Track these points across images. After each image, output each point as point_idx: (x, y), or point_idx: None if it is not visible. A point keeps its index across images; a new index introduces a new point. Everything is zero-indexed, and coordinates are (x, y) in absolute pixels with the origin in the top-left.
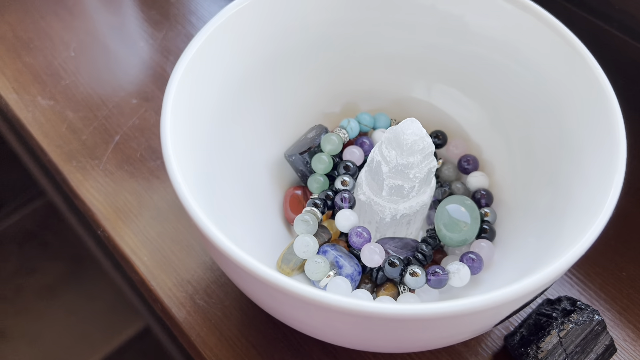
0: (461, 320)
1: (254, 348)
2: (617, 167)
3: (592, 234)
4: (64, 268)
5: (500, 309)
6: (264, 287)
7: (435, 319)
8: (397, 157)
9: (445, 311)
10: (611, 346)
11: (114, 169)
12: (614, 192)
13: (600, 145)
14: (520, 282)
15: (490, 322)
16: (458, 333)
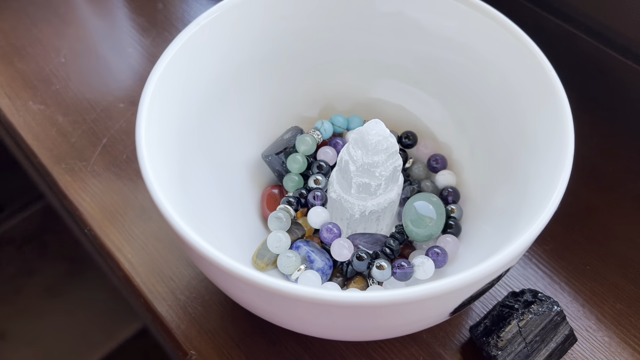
0: (414, 306)
1: (232, 340)
2: (565, 163)
3: (536, 229)
4: (63, 269)
5: (449, 296)
6: (233, 280)
7: (387, 306)
8: (363, 157)
9: (394, 298)
10: (571, 336)
11: (101, 171)
12: (561, 186)
13: (551, 142)
14: (465, 273)
15: (445, 310)
16: (416, 320)
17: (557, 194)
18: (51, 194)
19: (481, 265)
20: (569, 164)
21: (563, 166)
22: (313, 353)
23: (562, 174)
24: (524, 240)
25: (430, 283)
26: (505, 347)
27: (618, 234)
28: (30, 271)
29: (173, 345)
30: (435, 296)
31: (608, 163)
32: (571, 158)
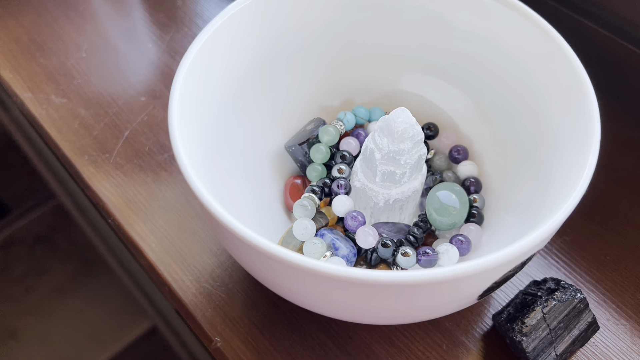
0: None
1: (256, 327)
2: (590, 156)
3: (563, 214)
4: (73, 269)
5: (478, 278)
6: (266, 260)
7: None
8: (389, 144)
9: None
10: (593, 323)
11: (123, 162)
12: (585, 179)
13: (576, 136)
14: (493, 255)
15: (472, 292)
16: (443, 303)
17: (580, 187)
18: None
19: (509, 248)
20: (594, 157)
21: (587, 159)
22: (336, 340)
23: (586, 167)
24: (550, 224)
25: (462, 263)
26: (530, 332)
27: (637, 225)
28: (41, 271)
29: (198, 332)
30: (466, 276)
31: (626, 156)
32: (596, 151)
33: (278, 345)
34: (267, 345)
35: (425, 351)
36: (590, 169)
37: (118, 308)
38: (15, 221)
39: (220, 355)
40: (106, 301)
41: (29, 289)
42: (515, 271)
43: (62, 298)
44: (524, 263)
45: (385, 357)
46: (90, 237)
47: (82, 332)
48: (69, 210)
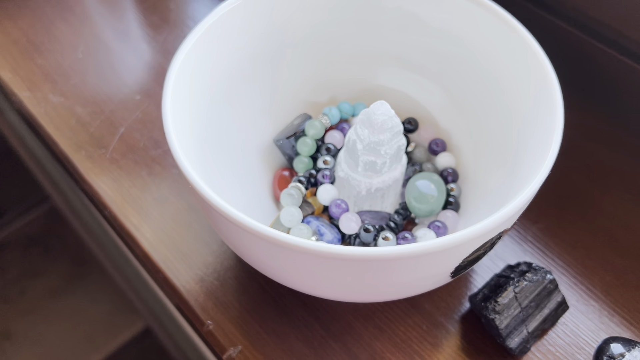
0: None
1: (246, 311)
2: (552, 144)
3: (524, 196)
4: (67, 271)
5: (446, 253)
6: (251, 237)
7: (388, 259)
8: (370, 135)
9: (396, 252)
10: (563, 303)
11: (119, 157)
12: (549, 160)
13: (541, 126)
14: (458, 233)
15: (445, 269)
16: (417, 278)
17: (542, 171)
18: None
19: (473, 227)
20: (556, 144)
21: (550, 145)
22: (322, 321)
23: (549, 153)
24: (512, 206)
25: (431, 240)
26: (503, 311)
27: (607, 213)
28: (35, 273)
29: (191, 316)
30: (435, 251)
31: (599, 149)
32: (559, 139)
33: (267, 327)
34: (257, 327)
35: (406, 331)
36: (553, 154)
37: (112, 309)
38: (10, 224)
39: (212, 337)
40: (100, 302)
41: (23, 291)
42: (485, 250)
43: (57, 299)
44: (493, 243)
45: (368, 337)
46: (84, 239)
47: (76, 333)
48: (62, 213)
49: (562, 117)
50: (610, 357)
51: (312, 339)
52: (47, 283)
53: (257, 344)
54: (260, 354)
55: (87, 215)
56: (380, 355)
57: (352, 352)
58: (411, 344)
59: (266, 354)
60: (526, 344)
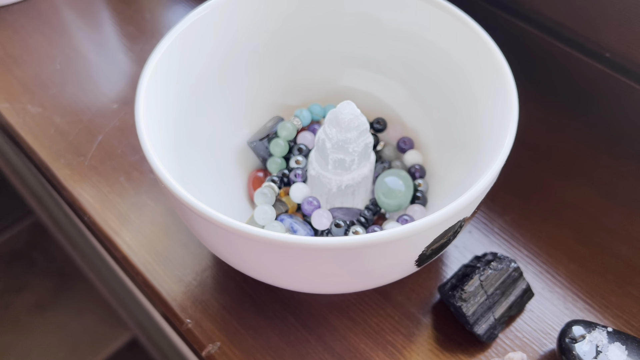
0: (375, 250)
1: (224, 309)
2: (507, 136)
3: (481, 184)
4: (52, 285)
5: (407, 241)
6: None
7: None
8: (337, 134)
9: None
10: (528, 290)
11: (97, 164)
12: (504, 153)
13: (497, 120)
14: (418, 221)
15: (408, 257)
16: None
17: (497, 163)
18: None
19: (432, 215)
20: (511, 135)
21: (505, 138)
22: (298, 316)
23: (504, 146)
24: (465, 198)
25: (391, 229)
26: (469, 298)
27: (570, 205)
28: (19, 287)
29: (170, 315)
30: (398, 238)
31: (561, 144)
32: (513, 133)
33: (244, 324)
34: (235, 324)
35: (380, 322)
36: (508, 145)
37: (98, 321)
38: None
39: (191, 335)
40: (86, 315)
41: (7, 305)
42: (448, 239)
43: (41, 313)
44: (456, 232)
45: (342, 329)
46: (68, 252)
47: (62, 346)
48: (46, 227)
49: (516, 109)
50: (572, 339)
51: (289, 333)
52: (31, 297)
53: (235, 340)
54: (238, 349)
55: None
56: (355, 346)
57: (328, 344)
58: (384, 334)
59: (244, 350)
60: (493, 330)
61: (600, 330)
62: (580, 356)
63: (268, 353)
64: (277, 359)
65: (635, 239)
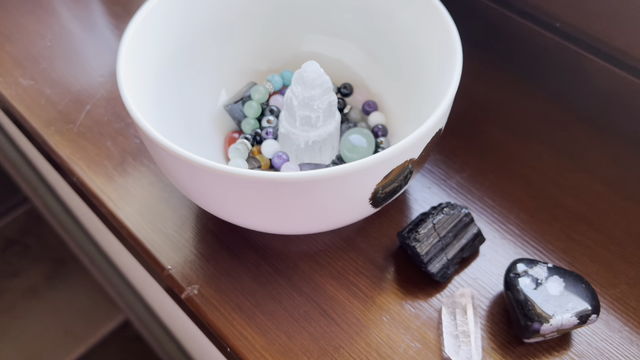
0: (329, 184)
1: (202, 256)
2: (448, 93)
3: (420, 132)
4: (46, 270)
5: (355, 176)
6: (189, 169)
7: (308, 182)
8: (303, 91)
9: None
10: (479, 235)
11: (85, 131)
12: (446, 101)
13: (445, 78)
14: (365, 159)
15: (360, 195)
16: (337, 202)
17: (437, 113)
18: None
19: (381, 153)
20: (452, 89)
21: (447, 92)
22: (269, 261)
23: (447, 95)
24: (407, 140)
25: (340, 165)
26: (422, 239)
27: (523, 162)
28: (14, 273)
29: (152, 262)
30: (344, 174)
31: (515, 107)
32: (455, 86)
33: (221, 269)
34: (212, 269)
35: (344, 266)
36: (450, 95)
37: (91, 304)
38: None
39: (172, 280)
40: (79, 298)
41: (2, 291)
42: (399, 183)
43: (36, 298)
44: (406, 176)
45: (310, 272)
46: (62, 238)
47: (56, 329)
48: (40, 214)
49: (459, 66)
50: (516, 274)
51: (261, 276)
52: (26, 282)
53: (212, 283)
54: (214, 291)
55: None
56: (321, 286)
57: (296, 285)
58: (348, 276)
59: (220, 291)
60: (446, 269)
61: (541, 266)
62: (522, 289)
63: (242, 294)
64: (249, 298)
65: (581, 191)
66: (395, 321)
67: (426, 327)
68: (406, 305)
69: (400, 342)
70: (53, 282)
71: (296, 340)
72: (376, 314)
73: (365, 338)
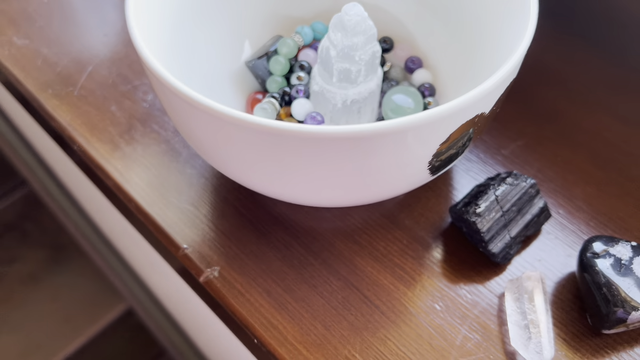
0: (388, 140)
1: (223, 234)
2: (525, 37)
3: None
4: (45, 256)
5: (417, 131)
6: (211, 120)
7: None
8: (343, 39)
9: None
10: (545, 209)
11: (87, 94)
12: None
13: (512, 39)
14: (429, 111)
15: (419, 156)
16: (391, 166)
17: (514, 58)
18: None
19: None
20: (528, 37)
21: (522, 41)
22: (301, 241)
23: (523, 40)
24: (481, 89)
25: (398, 119)
26: (484, 213)
27: (586, 130)
28: (12, 259)
29: (165, 241)
30: (405, 129)
31: (575, 70)
32: (530, 35)
33: (245, 249)
34: (235, 249)
35: (387, 246)
36: (528, 38)
37: (92, 292)
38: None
39: (188, 261)
40: (80, 286)
41: (0, 277)
42: (457, 150)
43: (35, 285)
44: (464, 144)
45: (348, 253)
46: (62, 223)
47: (56, 318)
48: (39, 198)
49: (534, 18)
50: (594, 254)
51: (292, 257)
52: (25, 269)
53: (235, 264)
54: (238, 274)
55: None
56: (361, 269)
57: (333, 268)
58: (392, 257)
59: (245, 274)
60: (509, 249)
61: (623, 244)
62: (603, 271)
63: (269, 277)
64: (279, 282)
65: None
66: (450, 309)
67: (485, 316)
68: (461, 290)
69: (457, 333)
70: (52, 269)
71: (335, 331)
72: (426, 301)
73: (415, 328)
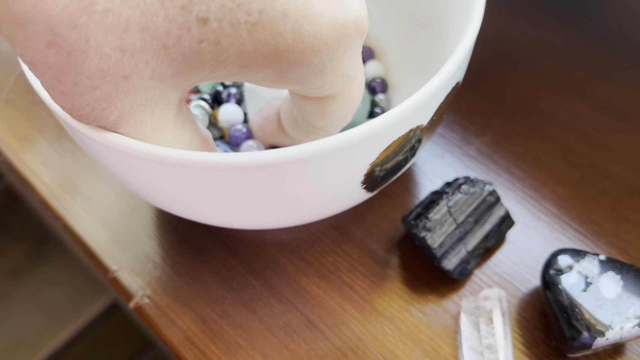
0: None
1: (156, 253)
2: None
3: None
4: (28, 250)
5: (343, 153)
6: (126, 159)
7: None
8: None
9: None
10: (507, 217)
11: (16, 98)
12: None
13: (462, 28)
14: (355, 129)
15: (351, 175)
16: (322, 188)
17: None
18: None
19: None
20: (472, 34)
21: (468, 29)
22: (241, 258)
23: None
24: (414, 100)
25: (317, 141)
26: (434, 228)
27: (559, 121)
28: None
29: (94, 263)
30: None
31: (547, 54)
32: (477, 25)
33: (180, 270)
34: (169, 270)
35: (335, 262)
36: (472, 35)
37: (76, 285)
38: None
39: (118, 285)
40: (64, 279)
41: None
42: (404, 156)
43: (19, 279)
44: (413, 146)
45: (292, 271)
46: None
47: (40, 312)
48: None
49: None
50: (557, 270)
51: (230, 278)
52: (7, 263)
53: (168, 288)
54: (171, 299)
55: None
56: (306, 289)
57: (275, 288)
58: (340, 275)
59: (178, 298)
60: (466, 264)
61: (590, 259)
62: (567, 290)
63: (205, 301)
64: (215, 307)
65: (633, 156)
66: (401, 332)
67: (441, 339)
68: (415, 310)
69: None
70: (36, 263)
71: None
72: (376, 324)
73: (362, 356)
